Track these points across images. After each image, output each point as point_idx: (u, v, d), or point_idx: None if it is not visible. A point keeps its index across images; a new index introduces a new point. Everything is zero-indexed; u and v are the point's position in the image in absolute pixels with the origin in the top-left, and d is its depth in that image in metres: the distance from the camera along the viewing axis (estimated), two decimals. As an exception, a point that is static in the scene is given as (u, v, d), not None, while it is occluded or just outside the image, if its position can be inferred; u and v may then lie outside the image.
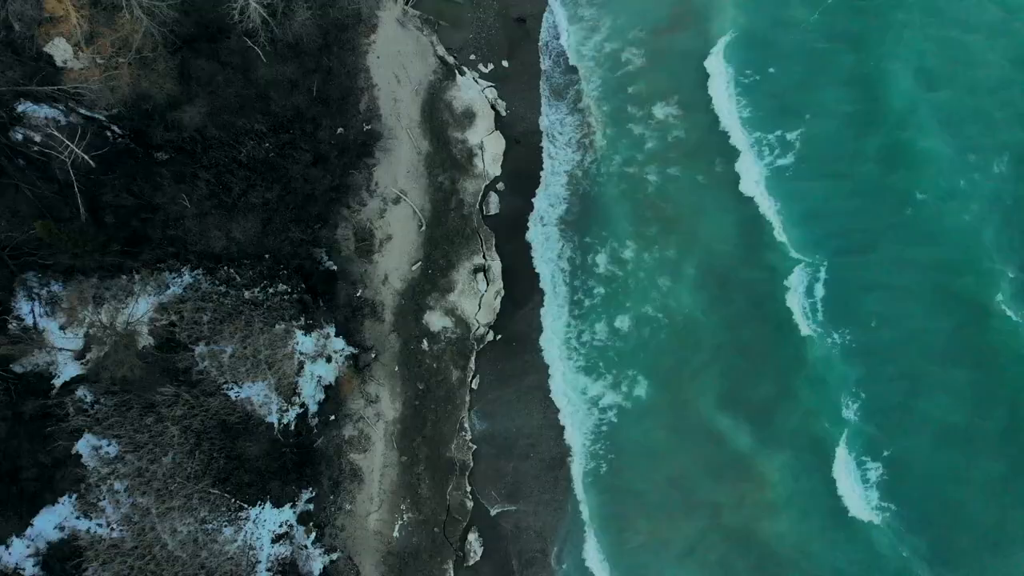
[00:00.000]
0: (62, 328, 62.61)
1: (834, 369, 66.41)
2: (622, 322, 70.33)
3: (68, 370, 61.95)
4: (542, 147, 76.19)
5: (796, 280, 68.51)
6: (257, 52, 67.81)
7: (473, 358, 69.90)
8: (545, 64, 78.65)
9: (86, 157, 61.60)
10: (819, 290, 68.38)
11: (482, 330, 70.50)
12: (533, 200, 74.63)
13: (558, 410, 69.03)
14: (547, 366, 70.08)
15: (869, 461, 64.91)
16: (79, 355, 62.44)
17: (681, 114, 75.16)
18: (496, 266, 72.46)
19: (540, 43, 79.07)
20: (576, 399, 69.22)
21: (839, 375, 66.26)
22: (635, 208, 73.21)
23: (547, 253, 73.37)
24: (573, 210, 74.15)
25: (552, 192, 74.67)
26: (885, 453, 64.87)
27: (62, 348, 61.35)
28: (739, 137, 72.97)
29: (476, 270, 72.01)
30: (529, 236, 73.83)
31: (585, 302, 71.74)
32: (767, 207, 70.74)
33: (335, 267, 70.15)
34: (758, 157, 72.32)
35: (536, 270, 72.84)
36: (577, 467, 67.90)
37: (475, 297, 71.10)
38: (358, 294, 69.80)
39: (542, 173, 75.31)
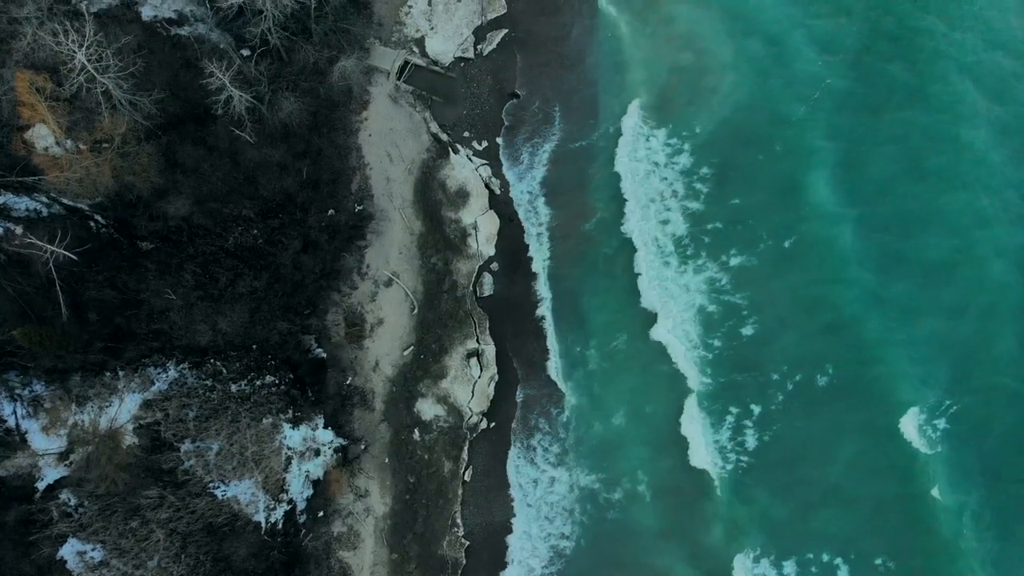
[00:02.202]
0: (44, 430, 61.50)
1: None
2: (618, 418, 68.83)
3: (51, 473, 60.88)
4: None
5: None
6: (245, 138, 66.71)
7: (466, 448, 68.17)
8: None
9: (68, 254, 60.54)
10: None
11: (475, 418, 68.80)
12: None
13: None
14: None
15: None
16: (62, 456, 61.27)
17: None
18: (490, 350, 70.80)
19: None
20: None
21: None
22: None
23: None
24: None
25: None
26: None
27: (45, 452, 60.23)
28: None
29: (469, 355, 70.40)
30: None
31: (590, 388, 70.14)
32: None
33: (324, 354, 68.79)
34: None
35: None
36: None
37: (468, 384, 69.46)
38: (348, 382, 68.37)
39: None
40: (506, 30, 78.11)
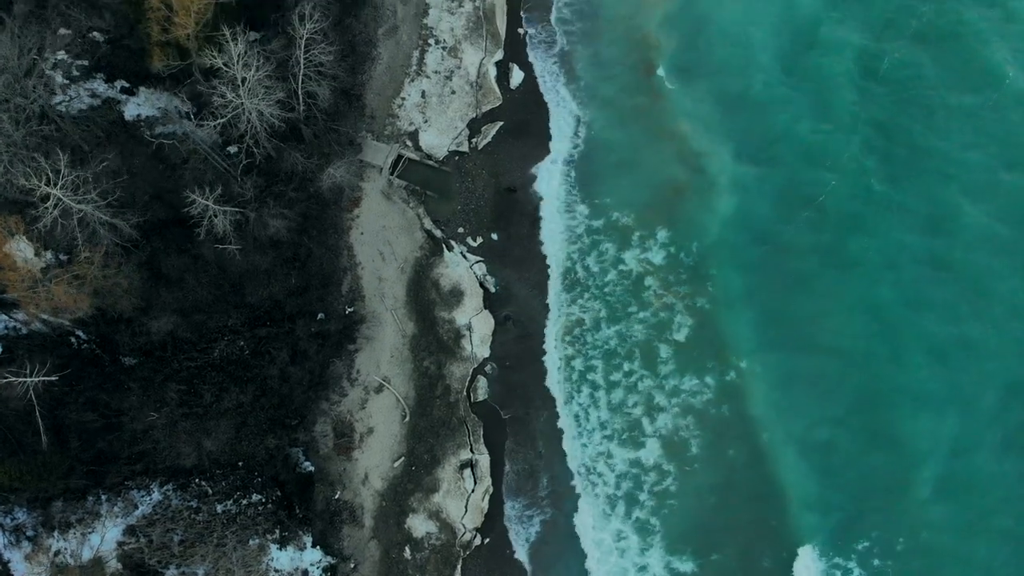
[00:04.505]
0: (27, 558, 60.14)
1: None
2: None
3: (32, 605, 59.42)
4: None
5: None
6: (232, 252, 65.04)
7: (459, 568, 66.41)
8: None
9: (49, 378, 58.99)
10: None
11: (468, 535, 67.02)
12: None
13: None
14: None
15: None
16: (44, 586, 59.91)
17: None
18: (484, 461, 69.01)
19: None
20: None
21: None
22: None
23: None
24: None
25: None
26: None
27: (25, 585, 58.86)
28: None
29: (463, 466, 68.62)
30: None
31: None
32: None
33: (312, 468, 67.19)
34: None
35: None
36: None
37: (461, 498, 67.70)
38: (336, 496, 66.73)
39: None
40: (501, 123, 76.12)
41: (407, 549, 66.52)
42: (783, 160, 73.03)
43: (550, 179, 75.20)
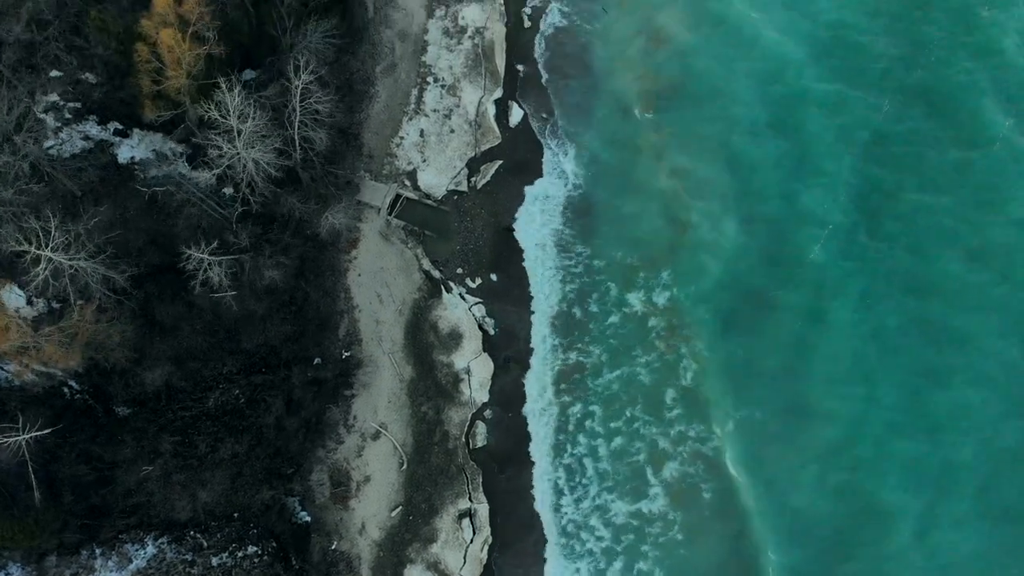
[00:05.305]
0: (19, 615, 59.46)
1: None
2: None
3: (24, 663, 58.82)
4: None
5: None
6: (227, 302, 64.09)
7: (457, 621, 65.70)
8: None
9: (41, 432, 58.10)
10: None
11: (466, 586, 66.25)
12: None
13: None
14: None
15: None
16: (37, 643, 59.31)
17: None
18: (483, 510, 68.13)
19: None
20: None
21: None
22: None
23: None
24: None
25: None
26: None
27: (17, 645, 58.20)
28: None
29: (461, 515, 67.76)
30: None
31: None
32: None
33: (309, 518, 66.36)
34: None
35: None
36: None
37: (460, 548, 66.87)
38: (333, 547, 65.90)
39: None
40: (500, 161, 75.01)
41: (405, 602, 65.75)
42: (772, 215, 72.09)
43: (542, 219, 74.08)
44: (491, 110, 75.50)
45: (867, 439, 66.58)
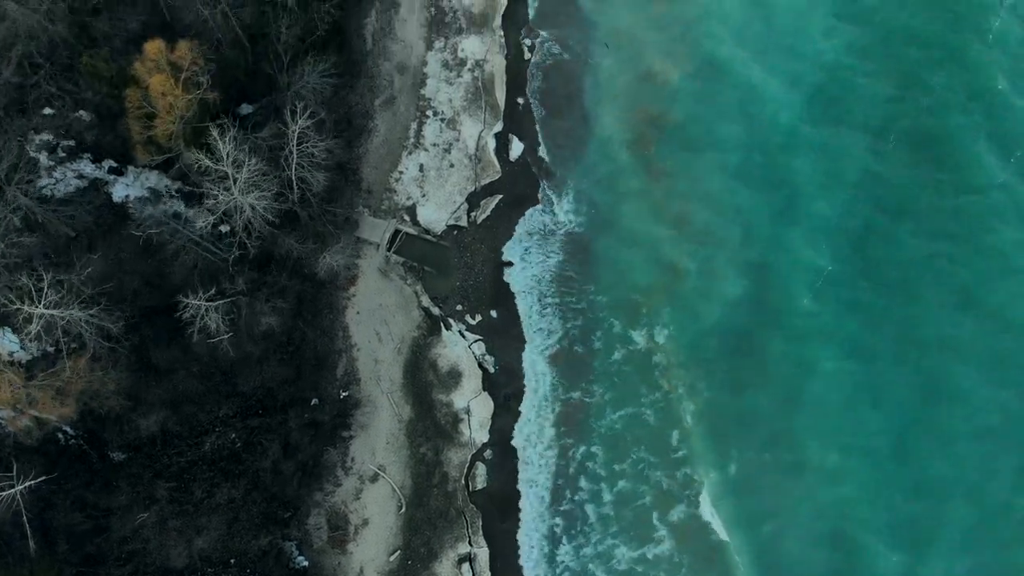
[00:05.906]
0: (14, 666, 58.78)
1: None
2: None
3: None
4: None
5: None
6: (224, 348, 63.17)
7: (456, 669, 64.91)
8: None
9: (35, 481, 57.39)
10: None
11: (466, 635, 65.46)
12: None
13: None
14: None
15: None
16: None
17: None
18: (483, 555, 67.26)
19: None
20: None
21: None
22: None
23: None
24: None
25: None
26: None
27: None
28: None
29: (461, 560, 66.90)
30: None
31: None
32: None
33: (306, 563, 65.60)
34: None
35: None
36: None
37: (459, 594, 66.06)
38: (332, 593, 65.12)
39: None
40: (500, 196, 73.84)
41: (403, 648, 64.96)
42: (764, 261, 70.78)
43: (540, 255, 73.01)
44: (491, 144, 74.25)
45: (864, 490, 65.74)
